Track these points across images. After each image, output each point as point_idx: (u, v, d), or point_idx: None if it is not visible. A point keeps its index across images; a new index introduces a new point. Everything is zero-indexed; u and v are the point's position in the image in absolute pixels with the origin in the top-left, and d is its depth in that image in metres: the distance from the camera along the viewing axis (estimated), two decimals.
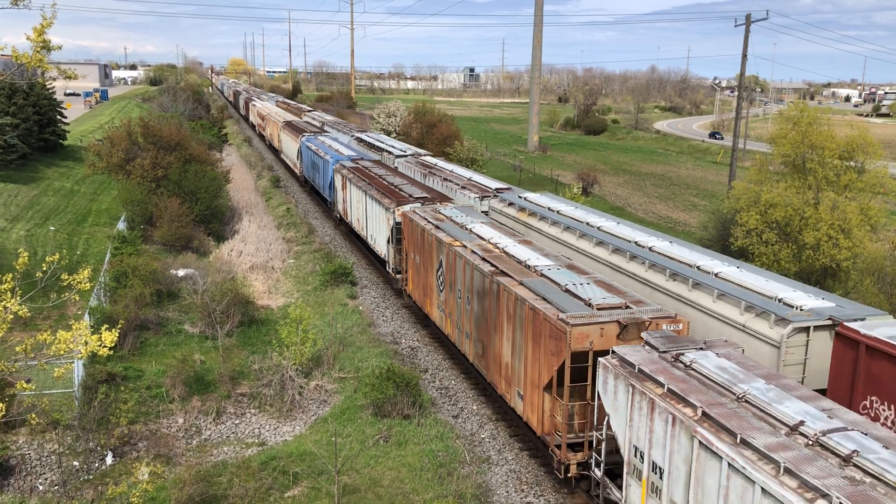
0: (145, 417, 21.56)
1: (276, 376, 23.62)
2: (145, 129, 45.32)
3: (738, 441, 11.75)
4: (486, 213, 30.98)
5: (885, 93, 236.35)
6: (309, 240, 41.79)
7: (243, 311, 28.70)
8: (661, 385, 13.64)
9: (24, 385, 13.32)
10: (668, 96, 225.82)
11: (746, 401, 12.66)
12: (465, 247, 23.32)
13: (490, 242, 23.57)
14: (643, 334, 15.70)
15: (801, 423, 11.72)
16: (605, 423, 15.37)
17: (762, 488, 10.94)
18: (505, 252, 22.39)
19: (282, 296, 33.49)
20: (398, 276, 31.12)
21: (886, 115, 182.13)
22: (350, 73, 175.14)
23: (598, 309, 17.04)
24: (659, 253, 21.75)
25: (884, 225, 30.03)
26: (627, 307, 17.26)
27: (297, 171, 60.29)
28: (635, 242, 22.92)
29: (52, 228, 39.40)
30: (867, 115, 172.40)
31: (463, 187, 34.59)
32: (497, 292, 20.05)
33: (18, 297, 12.88)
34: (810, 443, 11.35)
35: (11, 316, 12.47)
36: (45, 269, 13.32)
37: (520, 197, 31.30)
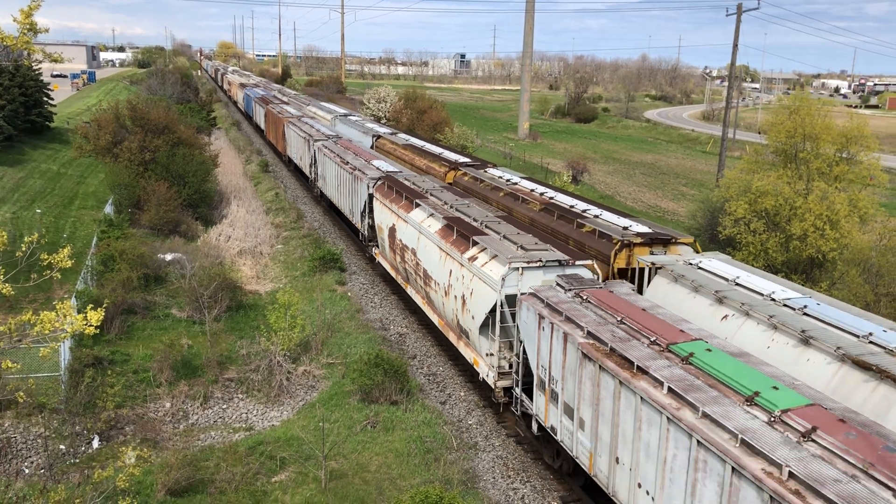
0: (132, 401, 21.48)
1: (263, 361, 23.55)
2: (133, 112, 44.91)
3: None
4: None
5: (875, 84, 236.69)
6: (297, 225, 41.60)
7: (231, 296, 28.55)
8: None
9: (10, 364, 13.09)
10: (659, 85, 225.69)
11: None
12: (278, 112, 60.83)
13: (286, 110, 61.18)
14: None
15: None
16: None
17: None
18: (289, 112, 60.08)
19: (270, 281, 33.36)
20: (267, 136, 69.17)
21: (875, 107, 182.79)
22: (340, 58, 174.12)
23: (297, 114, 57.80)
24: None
25: (873, 216, 30.08)
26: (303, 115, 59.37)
27: (241, 108, 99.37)
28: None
29: (39, 211, 39.04)
30: (856, 107, 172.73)
31: (310, 105, 73.60)
32: (278, 120, 58.89)
33: (1, 276, 12.70)
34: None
35: None
36: (24, 249, 13.09)
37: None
